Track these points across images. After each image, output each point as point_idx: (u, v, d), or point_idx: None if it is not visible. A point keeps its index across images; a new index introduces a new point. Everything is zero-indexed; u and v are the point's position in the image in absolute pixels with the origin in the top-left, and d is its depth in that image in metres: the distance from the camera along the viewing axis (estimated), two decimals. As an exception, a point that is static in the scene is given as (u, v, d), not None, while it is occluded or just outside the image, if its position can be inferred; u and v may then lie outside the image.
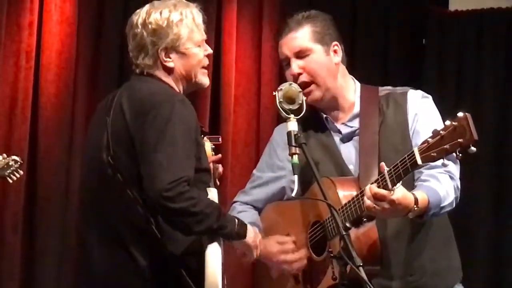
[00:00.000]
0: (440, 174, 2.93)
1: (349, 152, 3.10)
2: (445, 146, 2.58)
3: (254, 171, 3.34)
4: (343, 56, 3.17)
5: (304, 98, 3.00)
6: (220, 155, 3.20)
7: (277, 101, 2.96)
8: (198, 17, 2.96)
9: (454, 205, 2.96)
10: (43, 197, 4.73)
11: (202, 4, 3.03)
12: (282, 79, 3.21)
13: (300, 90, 3.01)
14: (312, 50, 3.10)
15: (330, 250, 2.91)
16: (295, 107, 2.96)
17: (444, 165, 2.63)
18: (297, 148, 2.87)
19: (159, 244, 2.74)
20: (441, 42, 5.62)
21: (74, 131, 4.83)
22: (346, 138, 3.12)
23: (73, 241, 4.70)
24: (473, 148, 2.56)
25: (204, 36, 2.97)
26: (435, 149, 2.61)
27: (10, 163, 4.19)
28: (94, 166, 2.87)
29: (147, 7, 2.95)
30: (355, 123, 3.12)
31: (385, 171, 2.73)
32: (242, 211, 3.26)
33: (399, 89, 3.17)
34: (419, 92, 3.15)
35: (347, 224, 2.77)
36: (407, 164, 2.68)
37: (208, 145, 3.15)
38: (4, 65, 4.69)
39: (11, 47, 4.71)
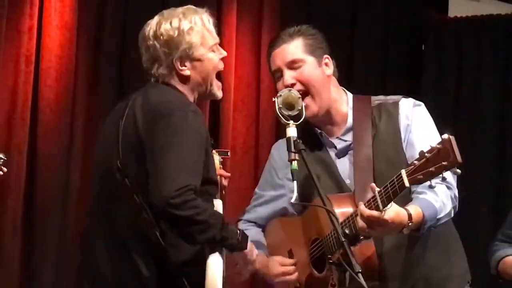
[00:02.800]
0: (437, 185, 2.93)
1: (345, 167, 3.10)
2: (430, 169, 2.60)
3: (256, 189, 3.37)
4: (335, 70, 3.19)
5: (304, 104, 3.00)
6: (229, 174, 3.22)
7: (277, 107, 2.97)
8: (208, 21, 2.97)
9: (452, 215, 2.97)
10: (42, 201, 4.72)
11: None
12: (281, 86, 3.21)
13: (300, 96, 3.01)
14: (305, 61, 3.12)
15: (329, 256, 2.91)
16: (294, 113, 2.96)
17: (431, 187, 2.65)
18: (296, 155, 2.87)
19: (162, 251, 2.73)
20: (440, 49, 5.63)
21: (73, 136, 4.82)
22: (342, 153, 3.13)
23: (72, 245, 4.69)
24: (458, 170, 2.57)
25: (217, 40, 2.98)
26: (421, 172, 2.63)
27: None
28: (103, 170, 2.87)
29: (157, 18, 2.95)
30: (349, 137, 3.12)
31: (376, 193, 2.75)
32: (246, 229, 3.26)
33: (391, 99, 3.17)
34: (411, 101, 3.14)
35: (346, 231, 2.77)
36: (396, 186, 2.70)
37: (216, 158, 3.17)
38: (4, 70, 4.68)
39: (11, 51, 4.70)
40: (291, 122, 2.94)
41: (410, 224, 2.79)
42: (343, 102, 3.17)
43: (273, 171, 3.28)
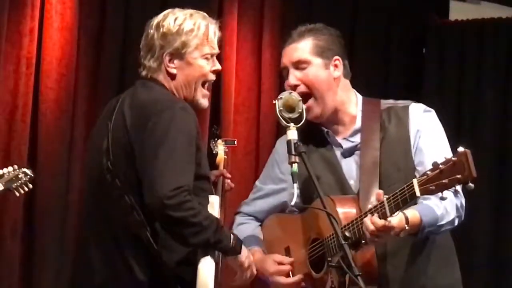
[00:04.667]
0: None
1: (350, 167, 3.08)
2: (443, 181, 2.58)
3: (257, 182, 3.34)
4: (346, 71, 3.17)
5: (304, 106, 3.00)
6: (229, 176, 3.21)
7: (277, 110, 2.97)
8: (214, 33, 2.96)
9: (456, 224, 2.95)
10: (43, 203, 4.72)
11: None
12: (282, 88, 3.21)
13: (300, 99, 3.01)
14: (311, 63, 3.10)
15: (329, 259, 2.90)
16: (295, 115, 2.96)
17: (442, 198, 2.62)
18: (296, 157, 2.87)
19: (154, 253, 2.73)
20: (441, 52, 5.63)
21: (74, 138, 4.82)
22: (348, 153, 3.11)
23: (72, 247, 4.69)
24: (471, 185, 2.55)
25: (215, 51, 2.97)
26: (434, 183, 2.61)
27: (20, 176, 4.09)
28: (94, 171, 2.88)
29: (167, 11, 2.97)
30: (357, 138, 3.10)
31: (384, 200, 2.74)
32: (244, 223, 3.28)
33: (401, 103, 3.15)
34: (421, 106, 3.13)
35: (347, 234, 2.76)
36: (406, 195, 2.69)
37: (221, 148, 3.16)
38: (5, 72, 4.68)
39: (12, 53, 4.70)
40: (292, 124, 2.94)
41: (406, 227, 2.78)
42: (352, 104, 3.16)
43: (276, 165, 3.26)
